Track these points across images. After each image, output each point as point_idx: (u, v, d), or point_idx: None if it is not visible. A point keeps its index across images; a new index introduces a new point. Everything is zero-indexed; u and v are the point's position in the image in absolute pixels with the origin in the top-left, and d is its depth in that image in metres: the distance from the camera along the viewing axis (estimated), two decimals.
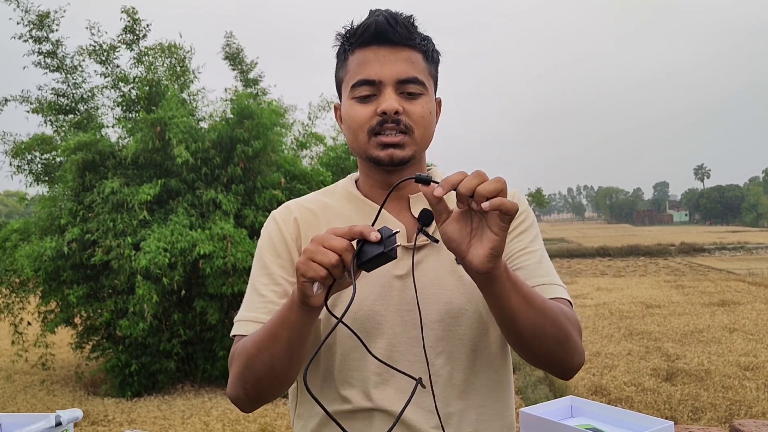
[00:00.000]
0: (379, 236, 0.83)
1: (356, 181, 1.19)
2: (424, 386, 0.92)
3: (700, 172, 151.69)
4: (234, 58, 9.35)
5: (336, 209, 1.15)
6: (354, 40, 1.07)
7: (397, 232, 0.84)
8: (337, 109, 1.17)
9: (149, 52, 8.47)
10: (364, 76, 1.05)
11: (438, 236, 1.09)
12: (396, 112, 1.03)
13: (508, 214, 0.80)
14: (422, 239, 1.09)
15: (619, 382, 7.06)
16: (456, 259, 1.09)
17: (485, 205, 0.80)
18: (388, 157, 1.06)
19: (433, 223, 1.09)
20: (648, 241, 41.04)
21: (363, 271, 0.87)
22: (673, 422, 1.19)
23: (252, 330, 1.05)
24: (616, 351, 8.72)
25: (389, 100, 1.03)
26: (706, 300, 13.72)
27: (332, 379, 1.09)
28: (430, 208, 1.09)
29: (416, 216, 1.10)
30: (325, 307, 0.88)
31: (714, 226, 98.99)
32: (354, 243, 0.85)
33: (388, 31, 1.04)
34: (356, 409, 1.06)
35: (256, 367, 0.98)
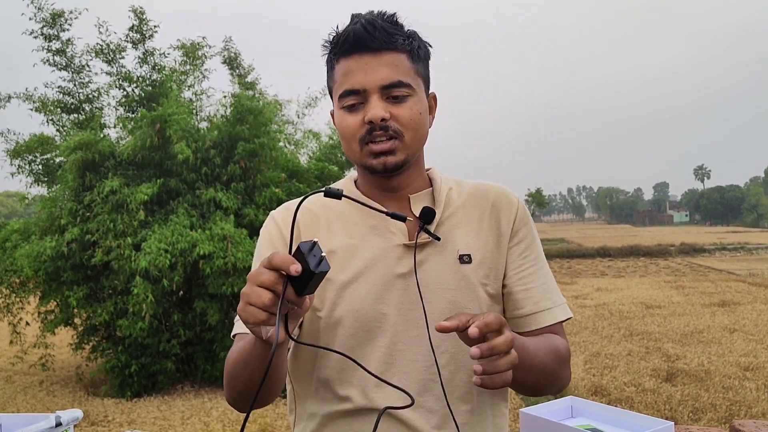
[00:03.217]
0: (299, 268, 0.76)
1: (355, 181, 1.20)
2: (412, 402, 0.95)
3: (701, 173, 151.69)
4: (231, 62, 9.41)
5: (336, 210, 1.14)
6: (337, 50, 1.07)
7: (315, 242, 0.79)
8: (332, 114, 1.18)
9: (158, 51, 8.53)
10: (348, 86, 1.05)
11: (440, 234, 1.09)
12: (382, 119, 1.04)
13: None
14: (424, 237, 1.09)
15: (620, 383, 7.06)
16: (460, 257, 1.09)
17: (477, 371, 0.87)
18: (381, 165, 1.06)
19: (435, 220, 1.09)
20: (648, 241, 41.09)
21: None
22: (673, 423, 1.19)
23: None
24: (616, 351, 8.72)
25: (374, 108, 1.03)
26: (706, 300, 13.72)
27: (330, 379, 1.09)
28: (430, 206, 1.10)
29: (417, 215, 1.10)
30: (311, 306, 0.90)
31: (714, 226, 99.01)
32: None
33: (367, 38, 1.03)
34: (355, 408, 1.06)
35: (237, 386, 1.01)
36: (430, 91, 1.14)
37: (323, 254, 0.79)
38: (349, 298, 1.06)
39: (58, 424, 1.45)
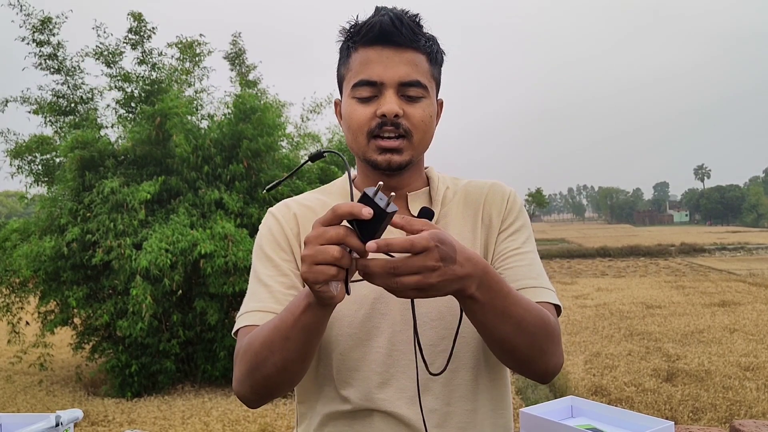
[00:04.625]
0: (371, 211, 0.75)
1: (353, 181, 1.18)
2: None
3: (701, 173, 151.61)
4: (234, 59, 9.42)
5: None
6: (358, 39, 1.05)
7: (379, 185, 0.78)
8: (337, 104, 1.15)
9: (156, 51, 8.59)
10: (365, 76, 1.03)
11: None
12: (396, 116, 1.03)
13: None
14: None
15: (620, 383, 7.06)
16: None
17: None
18: (386, 162, 1.06)
19: (433, 220, 1.09)
20: (648, 241, 41.09)
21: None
22: (673, 422, 1.19)
23: (260, 319, 1.02)
24: (616, 351, 8.72)
25: (390, 103, 1.02)
26: (706, 300, 13.72)
27: (331, 379, 1.08)
28: (428, 206, 1.09)
29: (415, 214, 1.10)
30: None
31: (714, 226, 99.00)
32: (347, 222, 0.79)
33: (393, 33, 1.02)
34: (356, 409, 1.06)
35: (266, 368, 0.94)
36: (438, 98, 1.14)
37: (392, 194, 0.79)
38: (348, 298, 1.06)
39: (59, 424, 1.45)
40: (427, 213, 1.07)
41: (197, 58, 8.94)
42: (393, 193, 0.80)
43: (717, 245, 38.37)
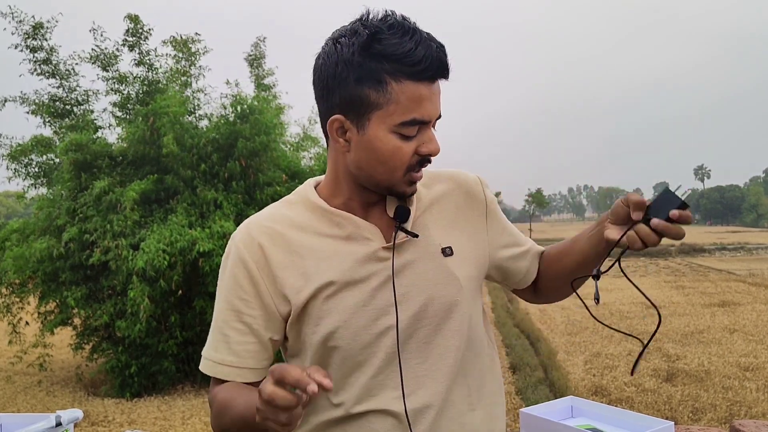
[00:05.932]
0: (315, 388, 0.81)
1: (315, 187, 1.12)
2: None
3: (701, 173, 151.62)
4: (254, 61, 9.46)
5: (299, 222, 1.08)
6: (407, 70, 0.95)
7: (689, 191, 0.97)
8: (337, 121, 1.01)
9: (153, 52, 8.57)
10: (419, 116, 0.97)
11: (417, 230, 1.07)
12: None
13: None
14: (401, 236, 1.06)
15: (620, 383, 7.06)
16: (442, 251, 1.08)
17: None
18: (413, 192, 1.06)
19: (411, 218, 1.07)
20: None
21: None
22: (673, 423, 1.20)
23: (220, 373, 1.07)
24: (616, 351, 8.72)
25: (435, 142, 1.00)
26: (706, 300, 13.72)
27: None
28: (404, 205, 1.07)
29: (391, 215, 1.08)
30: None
31: (714, 226, 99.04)
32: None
33: (445, 69, 0.98)
34: (351, 414, 1.05)
35: (224, 423, 1.04)
36: None
37: (688, 190, 0.92)
38: (337, 309, 1.03)
39: (59, 424, 1.45)
40: (403, 212, 1.06)
41: (193, 57, 8.90)
42: (689, 190, 0.91)
43: (717, 245, 38.35)
